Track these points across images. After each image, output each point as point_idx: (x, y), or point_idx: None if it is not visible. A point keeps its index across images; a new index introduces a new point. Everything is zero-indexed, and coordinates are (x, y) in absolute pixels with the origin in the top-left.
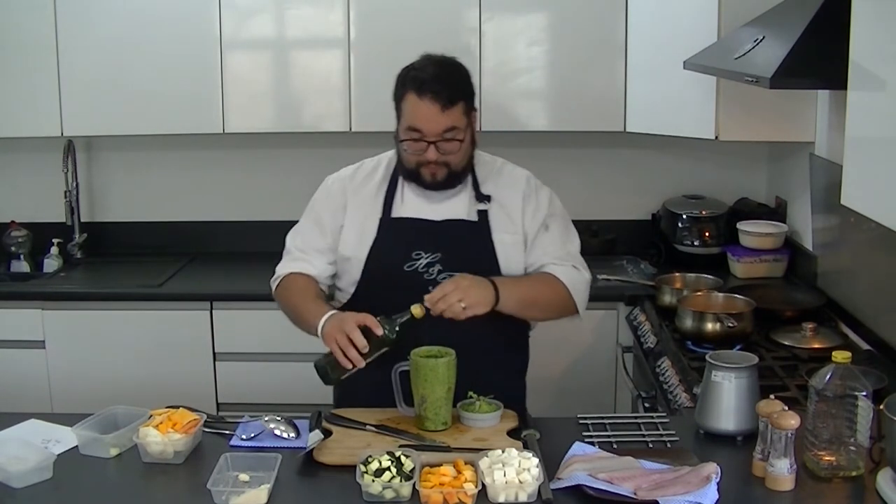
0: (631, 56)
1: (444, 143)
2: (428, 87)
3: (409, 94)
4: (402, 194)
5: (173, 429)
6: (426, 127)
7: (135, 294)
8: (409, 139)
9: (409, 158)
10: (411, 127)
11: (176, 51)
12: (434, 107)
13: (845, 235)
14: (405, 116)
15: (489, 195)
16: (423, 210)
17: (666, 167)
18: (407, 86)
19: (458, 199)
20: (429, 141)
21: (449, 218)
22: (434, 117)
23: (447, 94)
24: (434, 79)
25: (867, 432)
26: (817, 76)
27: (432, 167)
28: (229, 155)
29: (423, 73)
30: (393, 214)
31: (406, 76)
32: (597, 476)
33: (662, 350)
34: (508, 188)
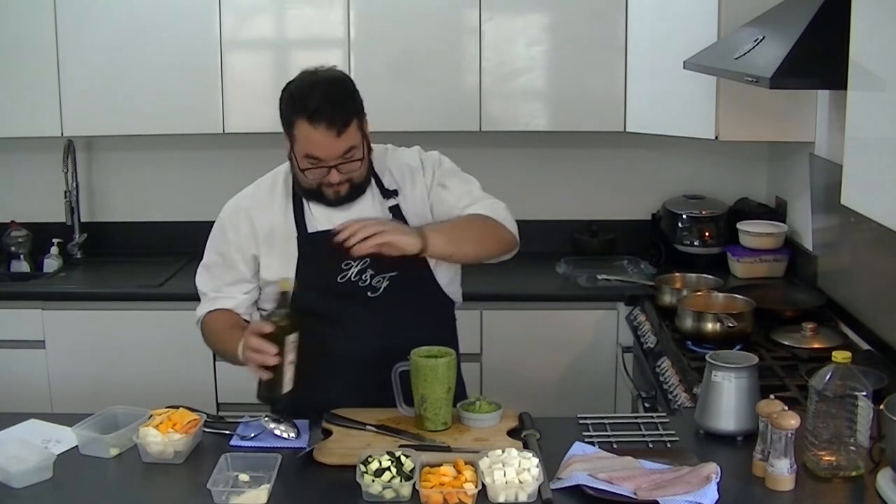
0: (631, 56)
1: (345, 164)
2: (320, 114)
3: (300, 122)
4: (310, 208)
5: (173, 429)
6: (324, 153)
7: (135, 294)
8: (309, 167)
9: (309, 182)
10: (309, 155)
11: (176, 51)
12: (330, 133)
13: (845, 235)
14: (300, 144)
15: (395, 189)
16: (336, 219)
17: (666, 167)
18: (296, 113)
19: (366, 201)
20: (329, 166)
21: None
22: (331, 144)
23: (341, 118)
24: (325, 104)
25: (867, 432)
26: (817, 76)
27: (335, 187)
28: (229, 155)
29: (312, 98)
30: (309, 230)
31: (292, 101)
32: (597, 476)
33: (662, 350)
34: (406, 174)
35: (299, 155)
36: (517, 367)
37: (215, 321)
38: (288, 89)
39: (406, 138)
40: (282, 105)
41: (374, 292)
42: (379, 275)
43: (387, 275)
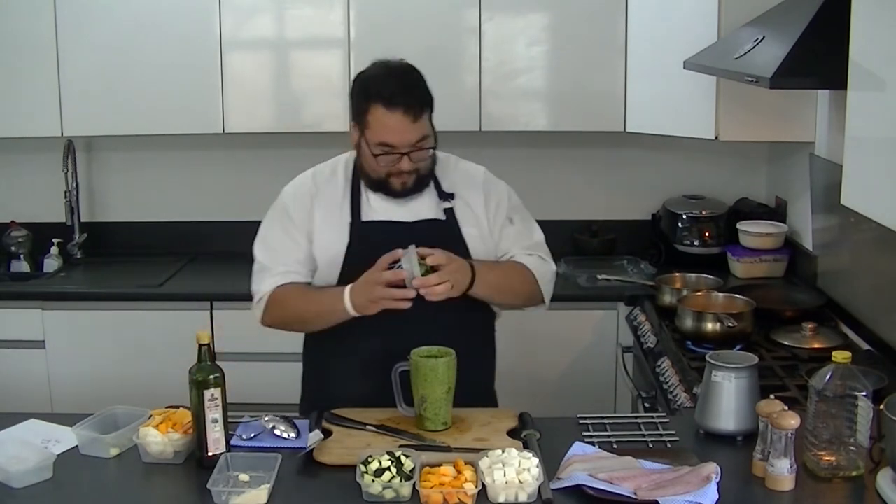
0: (631, 56)
1: (416, 152)
2: (397, 100)
3: (376, 107)
4: (368, 197)
5: (173, 429)
6: (399, 140)
7: (135, 294)
8: (382, 153)
9: (378, 170)
10: (383, 142)
11: (176, 51)
12: (406, 120)
13: (845, 235)
14: (373, 131)
15: (452, 192)
16: (392, 212)
17: (666, 167)
18: (372, 99)
19: (423, 199)
20: (402, 153)
21: (421, 218)
22: (407, 130)
23: (417, 105)
24: (401, 90)
25: (867, 432)
26: (817, 76)
27: (403, 176)
28: (229, 155)
29: (388, 84)
30: (363, 219)
31: (368, 88)
32: (597, 476)
33: (662, 350)
34: (467, 184)
35: (372, 142)
36: (517, 366)
37: (289, 292)
38: (361, 77)
39: None
40: (355, 92)
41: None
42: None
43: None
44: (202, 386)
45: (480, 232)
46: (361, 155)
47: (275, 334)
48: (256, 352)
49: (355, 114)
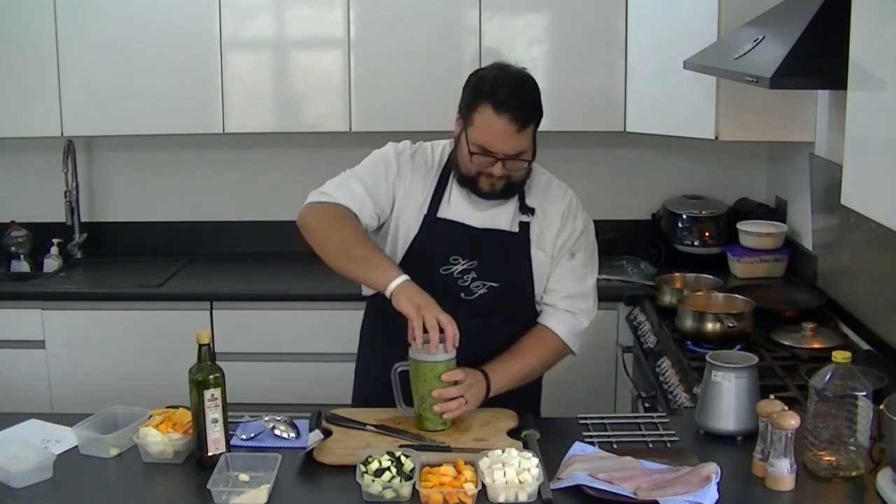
0: (631, 56)
1: (512, 161)
2: (507, 106)
3: (485, 108)
4: (450, 194)
5: (173, 429)
6: (498, 146)
7: (135, 294)
8: (478, 153)
9: (470, 168)
10: (482, 144)
11: (176, 51)
12: (511, 128)
13: (845, 235)
14: (476, 130)
15: (533, 208)
16: (467, 215)
17: (666, 167)
18: (482, 98)
19: (502, 209)
20: (498, 158)
21: (490, 227)
22: (509, 138)
23: (524, 117)
24: (514, 98)
25: (867, 432)
26: (817, 76)
27: (493, 179)
28: (229, 155)
29: (503, 89)
30: (438, 214)
31: (481, 87)
32: (597, 476)
33: (662, 350)
34: (551, 205)
35: (472, 140)
36: None
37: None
38: (479, 74)
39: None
40: (467, 88)
41: (469, 295)
42: (480, 280)
43: (487, 283)
44: (202, 386)
45: (546, 257)
46: (458, 149)
47: (275, 334)
48: (256, 352)
49: (463, 108)
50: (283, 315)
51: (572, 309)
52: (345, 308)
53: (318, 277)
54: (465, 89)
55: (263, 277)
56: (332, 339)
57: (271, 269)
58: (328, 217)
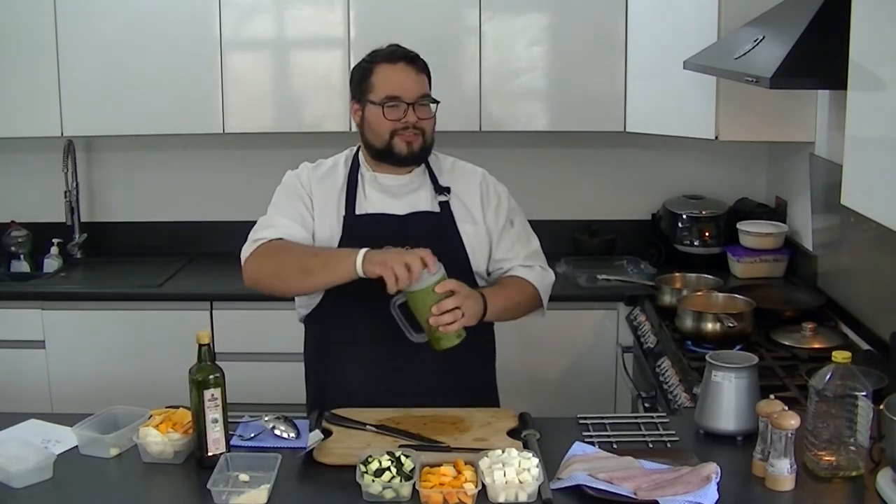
0: (631, 56)
1: (421, 107)
2: (398, 54)
3: (380, 66)
4: (365, 192)
5: (173, 429)
6: (404, 90)
7: (135, 294)
8: (391, 105)
9: (384, 127)
10: (389, 95)
11: (176, 51)
12: (409, 69)
13: (845, 235)
14: (379, 87)
15: (448, 187)
16: (386, 205)
17: (666, 167)
18: (372, 63)
19: (419, 193)
20: (408, 103)
21: (413, 210)
22: (410, 80)
23: (417, 58)
24: (399, 48)
25: (867, 432)
26: (817, 76)
27: (409, 135)
28: (229, 155)
29: (385, 48)
30: (357, 211)
31: (367, 60)
32: (597, 476)
33: (662, 350)
34: (464, 182)
35: (378, 98)
36: (517, 366)
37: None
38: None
39: None
40: (355, 74)
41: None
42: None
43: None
44: (202, 386)
45: (477, 230)
46: (366, 128)
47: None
48: (256, 352)
49: (356, 91)
50: (284, 315)
51: (535, 265)
52: None
53: None
54: (353, 78)
55: None
56: None
57: None
58: (268, 255)
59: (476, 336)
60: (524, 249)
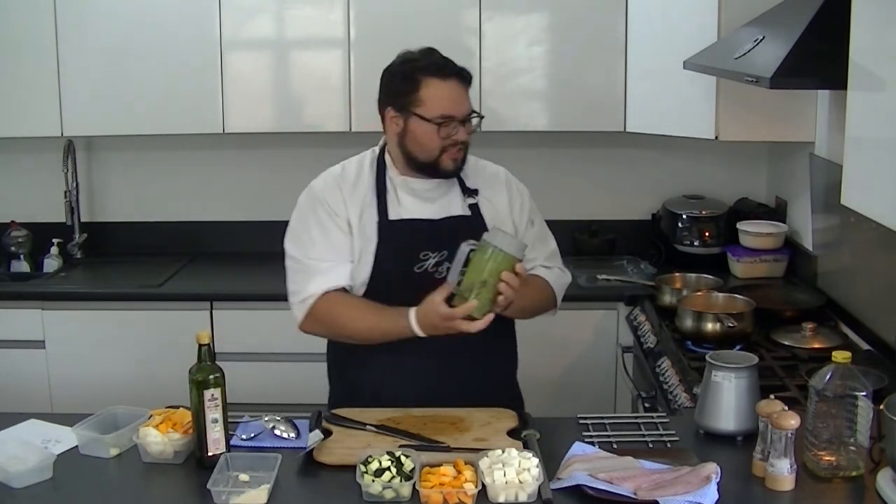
0: (631, 56)
1: (468, 123)
2: (449, 70)
3: (431, 80)
4: (397, 196)
5: (173, 429)
6: (457, 108)
7: (135, 294)
8: (444, 123)
9: (435, 144)
10: (444, 115)
11: (176, 51)
12: (461, 88)
13: (845, 235)
14: (430, 103)
15: (476, 189)
16: (419, 210)
17: (666, 167)
18: (422, 75)
19: (449, 197)
20: (461, 120)
21: (447, 215)
22: (462, 98)
23: (466, 74)
24: (448, 62)
25: (867, 432)
26: (817, 76)
27: (454, 152)
28: (229, 155)
29: (433, 60)
30: (391, 217)
31: (413, 69)
32: (597, 476)
33: (662, 350)
34: (491, 183)
35: (431, 115)
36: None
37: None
38: (396, 65)
39: None
40: (395, 80)
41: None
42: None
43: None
44: (202, 386)
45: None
46: (409, 140)
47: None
48: (256, 352)
49: (397, 101)
50: (283, 315)
51: (554, 266)
52: None
53: None
54: (392, 84)
55: (263, 277)
56: None
57: (271, 269)
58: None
59: (504, 336)
60: (544, 250)
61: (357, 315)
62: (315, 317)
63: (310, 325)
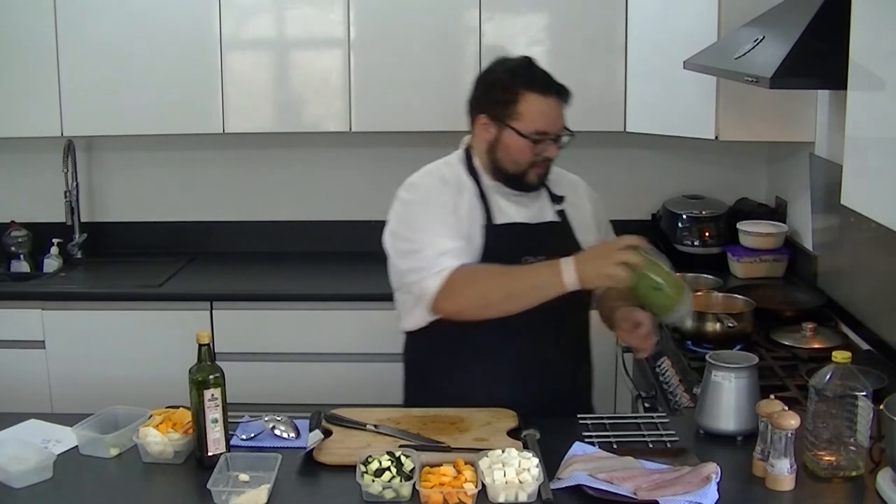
0: (631, 56)
1: (560, 139)
2: (550, 86)
3: (531, 95)
4: (496, 200)
5: (173, 429)
6: (554, 126)
7: (135, 294)
8: (539, 139)
9: (525, 158)
10: (539, 131)
11: (176, 51)
12: (560, 105)
13: (845, 235)
14: (527, 118)
15: (563, 196)
16: (518, 214)
17: (666, 167)
18: (522, 88)
19: (540, 202)
20: (554, 137)
21: (541, 220)
22: (559, 115)
23: (565, 91)
24: (548, 77)
25: (867, 432)
26: (817, 76)
27: (542, 167)
28: (229, 155)
29: (534, 73)
30: (495, 221)
31: (513, 80)
32: (597, 476)
33: (662, 350)
34: (574, 191)
35: (526, 130)
36: None
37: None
38: (495, 71)
39: (406, 138)
40: (495, 88)
41: None
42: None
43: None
44: (202, 386)
45: (593, 239)
46: (500, 150)
47: (275, 334)
48: (256, 352)
49: (494, 110)
50: (283, 315)
51: None
52: (345, 308)
53: (319, 278)
54: (490, 92)
55: (263, 277)
56: (332, 339)
57: (271, 269)
58: (466, 286)
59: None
60: None
61: (503, 274)
62: (451, 288)
63: (443, 299)
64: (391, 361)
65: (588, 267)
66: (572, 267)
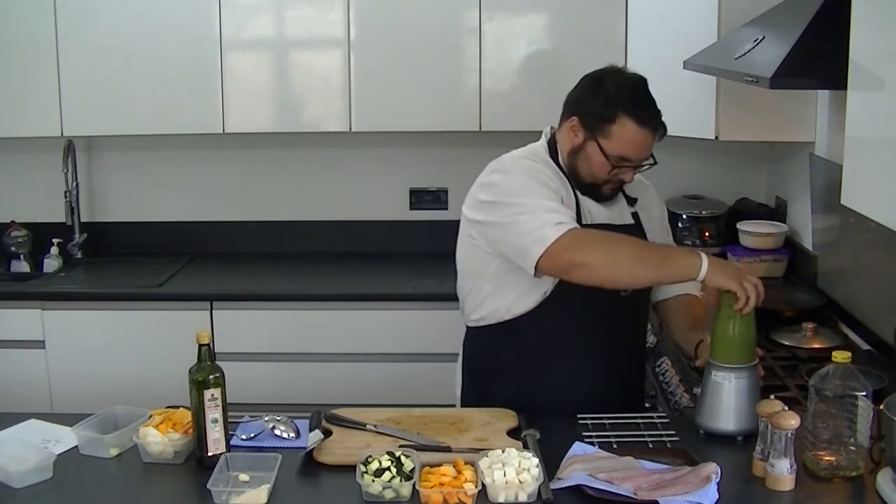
0: (631, 56)
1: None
2: (649, 119)
3: (627, 121)
4: (583, 198)
5: (173, 429)
6: (639, 155)
7: (135, 294)
8: (619, 166)
9: (602, 173)
10: (622, 155)
11: (176, 51)
12: (651, 138)
13: (845, 235)
14: (616, 142)
15: (636, 198)
16: (604, 215)
17: (666, 167)
18: (622, 111)
19: (619, 204)
20: (635, 166)
21: (622, 222)
22: (647, 147)
23: (662, 125)
24: (651, 108)
25: (867, 432)
26: (817, 76)
27: (614, 184)
28: (229, 155)
29: (640, 101)
30: (584, 220)
31: (618, 99)
32: (597, 476)
33: (662, 350)
34: (644, 193)
35: (611, 151)
36: None
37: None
38: (604, 81)
39: (406, 138)
40: (598, 97)
41: (626, 291)
42: None
43: None
44: (202, 386)
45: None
46: (581, 157)
47: (275, 334)
48: (256, 352)
49: (590, 119)
50: (283, 315)
51: None
52: (345, 308)
53: (319, 277)
54: (591, 100)
55: (263, 277)
56: (332, 339)
57: (271, 269)
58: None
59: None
60: None
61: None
62: (575, 241)
63: (563, 250)
64: (392, 361)
65: (724, 267)
66: (707, 260)
